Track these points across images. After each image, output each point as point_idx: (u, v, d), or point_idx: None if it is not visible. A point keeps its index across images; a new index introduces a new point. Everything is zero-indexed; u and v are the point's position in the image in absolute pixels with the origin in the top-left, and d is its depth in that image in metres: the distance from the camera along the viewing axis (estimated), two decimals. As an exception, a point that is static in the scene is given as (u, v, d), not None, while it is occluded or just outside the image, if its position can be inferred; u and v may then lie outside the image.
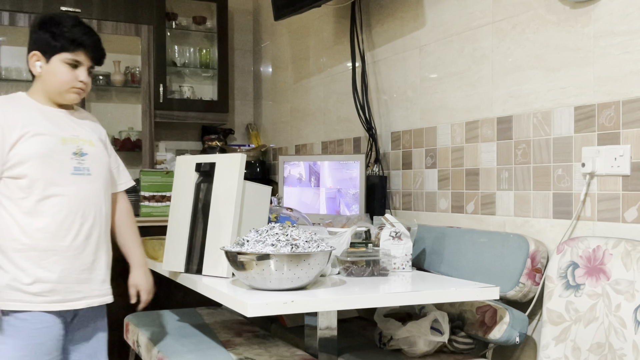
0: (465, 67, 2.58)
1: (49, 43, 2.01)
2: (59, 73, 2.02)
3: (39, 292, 1.95)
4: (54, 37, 2.01)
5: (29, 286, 1.94)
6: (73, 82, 2.03)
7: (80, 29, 2.05)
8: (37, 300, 1.95)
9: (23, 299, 1.94)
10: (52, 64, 2.02)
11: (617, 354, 1.82)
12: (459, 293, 1.99)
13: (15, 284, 1.94)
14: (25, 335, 1.94)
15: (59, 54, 2.01)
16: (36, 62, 2.03)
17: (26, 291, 1.94)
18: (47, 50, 2.01)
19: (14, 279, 1.94)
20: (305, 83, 3.87)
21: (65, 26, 2.02)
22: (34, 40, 2.04)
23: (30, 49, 2.04)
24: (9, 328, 1.94)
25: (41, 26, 2.04)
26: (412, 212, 2.88)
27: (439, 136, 2.72)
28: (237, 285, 1.97)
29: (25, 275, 1.94)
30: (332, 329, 2.11)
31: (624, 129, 1.95)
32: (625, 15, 1.95)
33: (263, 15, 4.46)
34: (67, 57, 2.02)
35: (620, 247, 1.87)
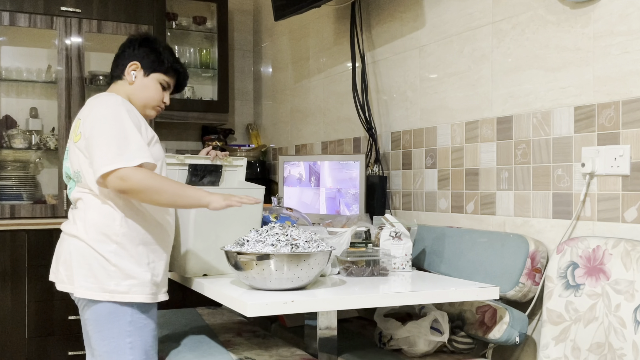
0: (465, 67, 2.58)
1: (154, 61, 2.15)
2: (153, 90, 2.15)
3: (160, 283, 2.04)
4: (159, 58, 2.16)
5: (156, 277, 2.02)
6: (159, 101, 2.17)
7: (175, 57, 2.22)
8: (159, 292, 2.04)
9: (153, 292, 2.01)
10: (150, 79, 2.15)
11: (617, 353, 1.82)
12: (459, 293, 1.99)
13: (154, 278, 2.01)
14: (154, 324, 2.04)
15: (159, 73, 2.15)
16: (133, 71, 2.14)
17: (156, 283, 2.02)
18: (149, 66, 2.14)
19: (154, 273, 2.01)
20: (305, 83, 3.87)
21: (170, 53, 2.19)
22: (137, 54, 2.15)
23: (129, 58, 2.15)
24: (150, 319, 2.02)
25: (147, 44, 2.17)
26: (412, 212, 2.88)
27: (439, 136, 2.72)
28: (237, 285, 1.97)
29: (156, 268, 2.03)
30: (332, 329, 2.11)
31: (624, 129, 1.95)
32: (624, 15, 1.95)
33: (263, 15, 4.46)
34: (164, 78, 2.17)
35: (620, 247, 1.88)
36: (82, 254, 1.97)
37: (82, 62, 3.74)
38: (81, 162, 2.00)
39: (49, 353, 3.51)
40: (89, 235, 1.97)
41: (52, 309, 3.52)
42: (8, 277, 3.45)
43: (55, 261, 2.12)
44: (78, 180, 2.04)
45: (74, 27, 3.72)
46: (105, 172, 1.86)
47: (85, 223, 1.98)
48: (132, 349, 1.98)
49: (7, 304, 3.44)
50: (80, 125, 2.02)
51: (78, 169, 2.02)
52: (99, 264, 1.96)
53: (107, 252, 1.96)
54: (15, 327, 3.45)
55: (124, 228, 1.97)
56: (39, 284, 3.48)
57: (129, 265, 1.96)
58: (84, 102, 3.71)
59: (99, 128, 1.93)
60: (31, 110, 3.88)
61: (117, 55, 2.21)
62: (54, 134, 3.82)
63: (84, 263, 1.97)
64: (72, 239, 2.01)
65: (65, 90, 3.69)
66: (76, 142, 2.02)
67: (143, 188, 1.88)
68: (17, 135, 3.74)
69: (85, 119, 2.00)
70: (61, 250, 2.07)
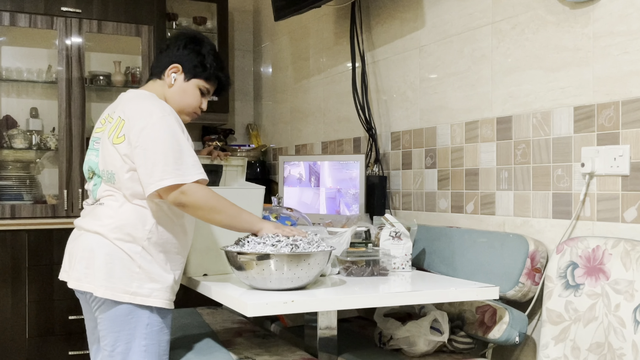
0: (465, 67, 2.58)
1: (197, 66, 2.08)
2: (192, 95, 2.10)
3: (176, 290, 2.03)
4: (202, 63, 2.09)
5: (175, 285, 2.01)
6: (197, 107, 2.13)
7: (220, 62, 2.15)
8: (174, 298, 2.02)
9: (171, 298, 2.00)
10: (190, 84, 2.09)
11: (617, 353, 1.82)
12: (459, 293, 1.99)
13: (174, 285, 2.01)
14: (168, 329, 2.02)
15: (200, 79, 2.10)
16: (173, 74, 2.08)
17: (174, 290, 2.01)
18: (191, 71, 2.08)
19: (175, 280, 2.00)
20: (305, 83, 3.87)
21: (216, 59, 2.12)
22: (180, 55, 2.09)
23: (172, 58, 2.09)
24: (166, 324, 2.00)
25: (192, 45, 2.10)
26: (412, 212, 2.88)
27: (439, 136, 2.73)
28: (237, 285, 1.97)
29: (175, 275, 2.01)
30: (332, 329, 2.11)
31: (624, 129, 1.95)
32: (624, 15, 1.95)
33: (263, 16, 4.47)
34: (205, 85, 2.11)
35: (619, 247, 1.88)
36: (106, 253, 1.92)
37: (83, 62, 3.74)
38: (117, 165, 1.94)
39: (49, 353, 3.51)
40: (115, 234, 1.92)
41: (52, 309, 3.52)
42: (8, 277, 3.45)
43: (69, 258, 2.05)
44: (109, 181, 1.97)
45: (74, 27, 3.73)
46: (165, 185, 1.84)
47: (114, 220, 1.93)
48: (146, 352, 1.95)
49: (7, 304, 3.44)
50: (124, 126, 1.94)
51: (112, 170, 1.95)
52: (123, 264, 1.91)
53: (134, 253, 1.92)
54: (15, 327, 3.45)
55: (152, 234, 1.94)
56: (39, 284, 3.49)
57: (153, 268, 1.94)
58: (84, 102, 3.73)
59: (155, 140, 1.88)
60: (31, 110, 3.88)
61: (160, 51, 2.15)
62: (54, 134, 3.82)
63: (107, 262, 1.92)
64: (94, 236, 1.95)
65: (66, 90, 3.69)
66: (117, 143, 1.94)
67: (204, 205, 1.88)
68: (18, 135, 3.74)
69: (133, 123, 1.92)
70: (78, 246, 2.00)
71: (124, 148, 1.92)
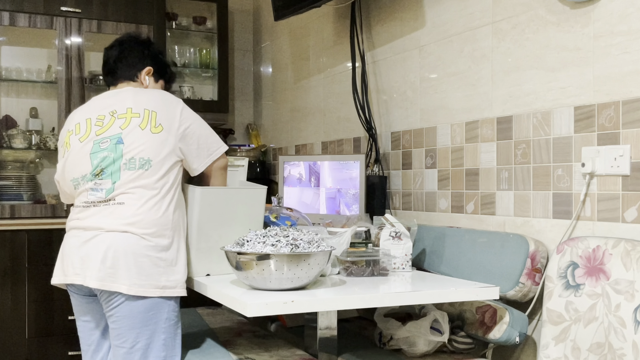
0: (465, 67, 2.58)
1: (162, 68, 2.34)
2: None
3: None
4: (165, 65, 2.36)
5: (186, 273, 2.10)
6: None
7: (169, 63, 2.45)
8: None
9: (185, 286, 2.08)
10: (158, 85, 2.34)
11: (617, 353, 1.82)
12: (459, 293, 1.99)
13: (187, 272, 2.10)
14: (180, 326, 2.10)
15: (163, 80, 2.36)
16: (146, 76, 2.28)
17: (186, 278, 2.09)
18: (162, 74, 2.34)
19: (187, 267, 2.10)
20: (305, 83, 3.87)
21: (164, 57, 2.40)
22: (155, 59, 2.32)
23: (142, 61, 2.28)
24: (177, 319, 2.08)
25: (152, 49, 2.33)
26: (412, 212, 2.88)
27: (439, 136, 2.72)
28: (237, 285, 1.97)
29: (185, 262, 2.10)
30: (332, 329, 2.11)
31: (624, 129, 1.95)
32: (624, 15, 1.95)
33: (263, 16, 4.46)
34: (164, 84, 2.37)
35: (620, 247, 1.88)
36: (133, 251, 1.96)
37: (82, 62, 3.74)
38: (155, 152, 2.04)
39: (49, 353, 3.51)
40: (143, 229, 1.98)
41: (52, 309, 3.52)
42: (8, 277, 3.45)
43: (81, 261, 2.00)
44: (142, 167, 2.02)
45: (74, 27, 3.73)
46: (224, 151, 2.19)
47: (139, 217, 1.98)
48: (164, 345, 2.01)
49: (7, 304, 3.44)
50: (157, 117, 2.07)
51: (149, 157, 2.03)
52: (151, 260, 1.97)
53: (160, 247, 1.99)
54: (15, 327, 3.45)
55: (174, 223, 2.04)
56: (39, 284, 3.49)
57: (176, 260, 2.02)
58: (84, 102, 3.72)
59: (200, 121, 2.17)
60: (31, 110, 3.88)
61: (125, 55, 2.26)
62: (54, 134, 3.82)
63: (136, 259, 1.96)
64: (118, 235, 1.97)
65: (65, 90, 3.69)
66: (156, 132, 2.06)
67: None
68: (17, 135, 3.74)
69: (166, 112, 2.09)
70: (96, 247, 1.97)
71: (163, 136, 2.06)
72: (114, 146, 2.04)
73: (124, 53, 2.26)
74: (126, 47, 2.27)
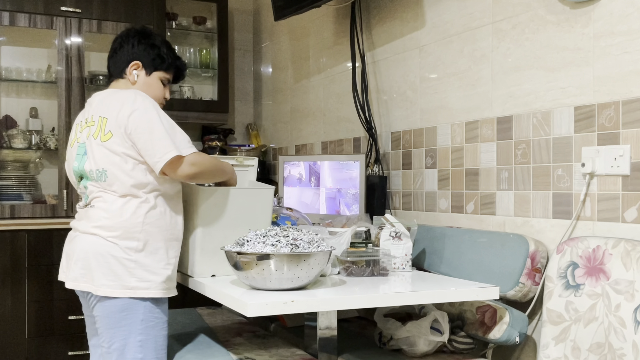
0: (465, 67, 2.58)
1: (155, 59, 2.19)
2: (156, 88, 2.20)
3: (174, 279, 2.09)
4: (160, 56, 2.20)
5: (173, 273, 2.08)
6: (162, 98, 2.23)
7: (173, 51, 2.27)
8: (171, 287, 2.08)
9: (168, 287, 2.06)
10: (152, 77, 2.20)
11: (617, 353, 1.82)
12: (459, 293, 1.99)
13: (171, 274, 2.07)
14: (165, 323, 2.07)
15: (160, 71, 2.20)
16: (134, 71, 2.18)
17: (172, 278, 2.07)
18: (150, 65, 2.19)
19: (173, 270, 2.07)
20: (305, 83, 3.87)
21: (169, 48, 2.24)
22: (136, 52, 2.18)
23: (129, 56, 2.18)
24: (161, 316, 2.05)
25: (145, 41, 2.20)
26: (412, 212, 2.88)
27: (439, 136, 2.72)
28: (237, 285, 1.97)
29: (173, 264, 2.07)
30: (332, 329, 2.11)
31: (624, 129, 1.95)
32: (624, 15, 1.95)
33: (263, 15, 4.46)
34: (165, 75, 2.22)
35: (620, 247, 1.88)
36: (101, 252, 1.98)
37: (82, 62, 3.74)
38: (109, 161, 1.99)
39: (49, 353, 3.51)
40: (110, 232, 1.98)
41: (52, 309, 3.52)
42: (8, 277, 3.45)
43: (66, 260, 2.11)
44: (100, 180, 2.02)
45: (74, 27, 3.73)
46: (169, 159, 1.93)
47: (106, 220, 1.99)
48: (141, 347, 2.00)
49: (7, 304, 3.44)
50: (107, 123, 2.00)
51: (104, 167, 2.00)
52: (118, 261, 1.97)
53: (130, 248, 1.98)
54: (15, 327, 3.45)
55: (147, 225, 2.00)
56: (39, 284, 3.49)
57: (150, 261, 2.00)
58: (84, 102, 3.71)
59: (146, 120, 1.97)
60: (31, 110, 3.88)
61: (114, 51, 2.21)
62: (54, 134, 3.82)
63: (103, 261, 1.97)
64: (89, 237, 2.01)
65: (65, 90, 3.69)
66: (105, 140, 2.00)
67: (211, 168, 2.06)
68: (17, 135, 3.74)
69: (117, 115, 1.99)
70: (74, 248, 2.06)
71: (112, 143, 1.99)
72: (81, 157, 2.08)
73: (115, 49, 2.22)
74: (118, 42, 2.22)
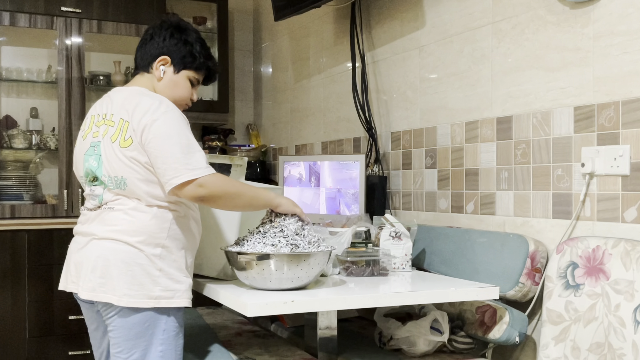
0: (465, 67, 2.58)
1: (186, 57, 2.02)
2: (183, 87, 2.04)
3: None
4: (192, 54, 2.03)
5: (192, 282, 1.97)
6: (188, 99, 2.08)
7: (208, 50, 2.08)
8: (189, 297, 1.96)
9: (190, 296, 1.95)
10: (180, 76, 2.03)
11: (617, 353, 1.82)
12: (459, 293, 1.99)
13: (191, 283, 1.96)
14: (182, 337, 1.96)
15: (190, 70, 2.04)
16: (162, 67, 2.01)
17: (191, 287, 1.96)
18: (180, 62, 2.02)
19: (191, 278, 1.97)
20: (305, 83, 3.87)
21: (203, 47, 2.05)
22: (167, 46, 2.01)
23: (158, 49, 2.01)
24: (181, 325, 1.95)
25: (178, 35, 2.03)
26: (412, 212, 2.88)
27: (439, 136, 2.73)
28: (237, 285, 1.97)
29: (191, 273, 1.97)
30: (332, 329, 2.11)
31: (624, 129, 1.95)
32: (624, 15, 1.95)
33: (263, 16, 4.47)
34: (194, 75, 2.05)
35: (619, 247, 1.88)
36: (124, 259, 1.84)
37: (82, 62, 3.74)
38: (128, 170, 1.86)
39: (49, 353, 3.51)
40: (134, 237, 1.84)
41: (52, 309, 3.52)
42: (8, 277, 3.45)
43: (75, 268, 1.93)
44: (119, 187, 1.88)
45: (74, 27, 3.73)
46: (178, 183, 1.79)
47: (131, 224, 1.86)
48: (163, 357, 1.89)
49: (7, 304, 3.44)
50: (129, 128, 1.85)
51: (123, 176, 1.86)
52: (143, 269, 1.84)
53: (154, 255, 1.85)
54: (15, 327, 3.45)
55: (172, 232, 1.88)
56: (39, 284, 3.49)
57: (173, 270, 1.88)
58: (84, 102, 3.73)
59: (162, 137, 1.82)
60: (31, 110, 3.88)
61: (143, 42, 2.05)
62: (54, 134, 3.82)
63: (126, 269, 1.83)
64: (108, 242, 1.86)
65: (66, 91, 3.69)
66: (124, 147, 1.86)
67: (224, 194, 1.84)
68: (18, 135, 3.74)
69: (138, 123, 1.84)
70: (88, 255, 1.89)
71: (132, 151, 1.85)
72: (98, 157, 1.93)
73: (145, 40, 2.04)
74: (149, 33, 2.05)
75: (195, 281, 2.10)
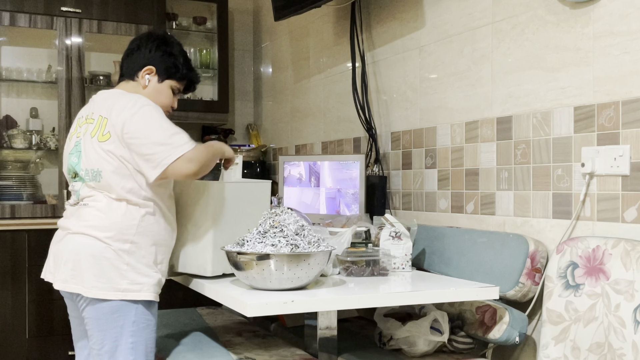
0: (465, 67, 2.58)
1: (170, 67, 2.17)
2: (166, 95, 2.19)
3: (163, 283, 2.09)
4: (175, 65, 2.18)
5: (163, 277, 2.08)
6: (169, 106, 2.22)
7: (189, 62, 2.25)
8: (160, 291, 2.07)
9: (158, 291, 2.05)
10: (163, 85, 2.18)
11: (617, 353, 1.82)
12: (459, 293, 1.99)
13: (162, 278, 2.06)
14: (154, 325, 2.05)
15: (173, 80, 2.19)
16: (147, 76, 2.15)
17: (161, 283, 2.07)
18: (164, 73, 2.17)
19: (162, 273, 2.06)
20: (305, 83, 3.87)
21: (185, 59, 2.22)
22: (153, 57, 2.16)
23: (144, 60, 2.16)
24: (152, 319, 2.04)
25: (163, 48, 2.18)
26: (412, 212, 2.88)
27: (439, 136, 2.73)
28: (237, 285, 1.97)
29: (163, 268, 2.07)
30: (332, 329, 2.11)
31: (624, 129, 1.95)
32: (624, 15, 1.95)
33: (263, 16, 4.47)
34: (176, 85, 2.21)
35: (619, 247, 1.88)
36: (93, 253, 1.95)
37: (82, 62, 3.74)
38: (104, 163, 1.98)
39: (49, 353, 3.51)
40: (103, 232, 1.96)
41: (52, 309, 3.52)
42: (8, 277, 3.45)
43: (54, 260, 2.08)
44: (94, 180, 2.00)
45: (74, 27, 3.73)
46: (170, 163, 1.90)
47: (101, 219, 1.97)
48: (133, 349, 1.98)
49: (7, 303, 3.44)
50: (107, 124, 1.98)
51: (98, 168, 1.99)
52: (111, 263, 1.95)
53: (122, 250, 1.96)
54: (15, 327, 3.45)
55: (141, 228, 1.99)
56: (39, 284, 3.48)
57: (141, 265, 1.98)
58: (84, 102, 3.73)
59: (144, 126, 1.95)
60: (31, 110, 3.88)
61: (130, 52, 2.19)
62: (54, 134, 3.82)
63: (95, 262, 1.95)
64: (80, 237, 1.98)
65: (66, 91, 3.70)
66: (102, 141, 1.98)
67: (206, 160, 1.97)
68: (18, 135, 3.74)
69: (117, 118, 1.96)
70: (63, 248, 2.03)
71: (110, 144, 1.97)
72: (79, 153, 2.06)
73: (132, 50, 2.20)
74: (136, 44, 2.20)
75: (196, 281, 2.11)
